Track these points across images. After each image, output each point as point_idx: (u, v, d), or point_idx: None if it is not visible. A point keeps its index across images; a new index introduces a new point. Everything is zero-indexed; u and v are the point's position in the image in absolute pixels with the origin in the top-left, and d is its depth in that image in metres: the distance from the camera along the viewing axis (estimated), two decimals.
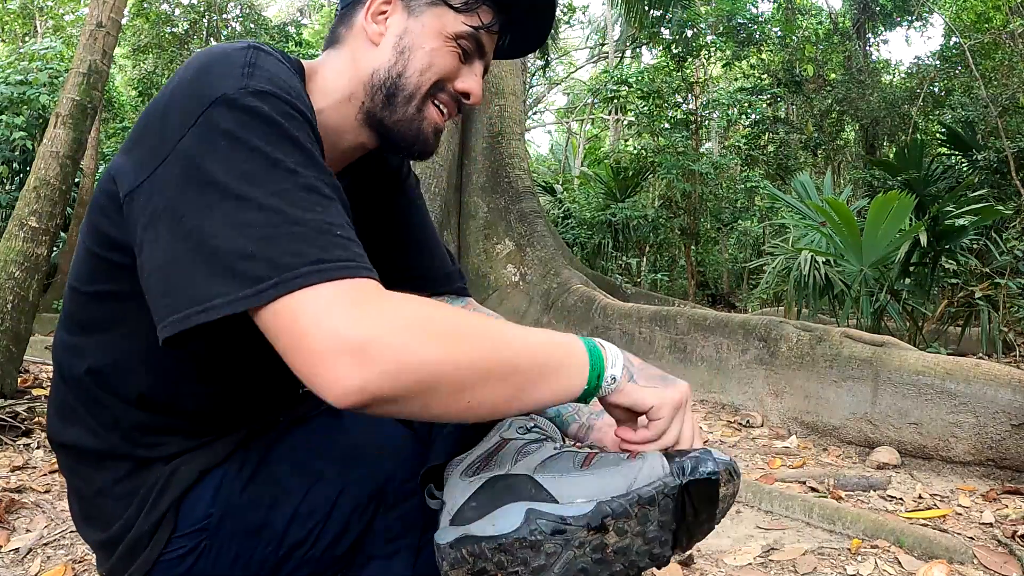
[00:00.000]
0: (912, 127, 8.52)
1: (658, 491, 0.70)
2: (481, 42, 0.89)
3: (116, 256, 0.77)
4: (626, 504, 0.69)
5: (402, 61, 0.86)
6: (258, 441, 0.88)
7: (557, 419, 0.94)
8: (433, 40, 0.87)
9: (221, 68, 0.70)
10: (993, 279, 4.77)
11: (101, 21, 3.11)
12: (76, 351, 0.84)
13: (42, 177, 2.95)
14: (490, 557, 0.69)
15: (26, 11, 10.89)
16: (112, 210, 0.75)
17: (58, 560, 1.74)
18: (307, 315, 0.60)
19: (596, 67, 18.71)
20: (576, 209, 10.30)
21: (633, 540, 0.70)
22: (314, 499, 0.86)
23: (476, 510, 0.72)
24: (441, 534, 0.72)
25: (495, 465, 0.78)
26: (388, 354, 0.60)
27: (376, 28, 0.88)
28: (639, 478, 0.71)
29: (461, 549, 0.69)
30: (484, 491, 0.74)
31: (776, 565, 1.83)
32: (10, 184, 7.80)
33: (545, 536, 0.68)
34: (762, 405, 3.42)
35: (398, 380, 0.60)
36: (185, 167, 0.66)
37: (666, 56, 9.82)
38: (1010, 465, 2.53)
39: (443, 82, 0.88)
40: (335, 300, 0.61)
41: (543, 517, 0.69)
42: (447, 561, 0.70)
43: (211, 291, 0.62)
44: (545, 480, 0.73)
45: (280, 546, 0.85)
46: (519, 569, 0.69)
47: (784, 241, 6.13)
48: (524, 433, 0.84)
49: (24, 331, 2.90)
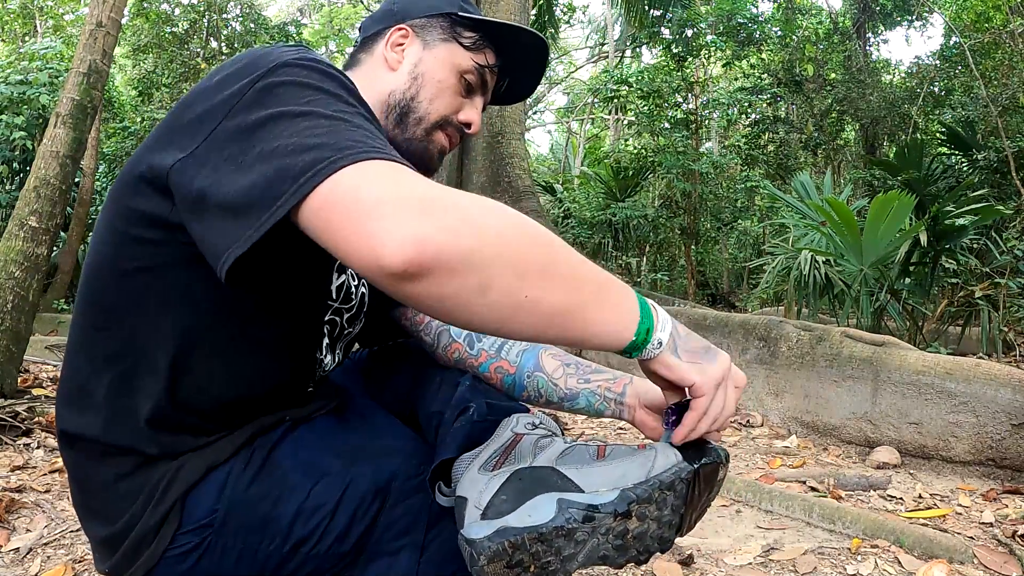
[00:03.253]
0: (912, 127, 8.52)
1: (676, 476, 0.74)
2: (485, 79, 1.00)
3: (150, 232, 0.79)
4: (649, 490, 0.73)
5: (415, 86, 0.97)
6: (264, 439, 0.89)
7: (589, 408, 1.00)
8: (443, 71, 0.97)
9: (273, 51, 0.76)
10: (993, 279, 4.77)
11: (101, 21, 3.11)
12: (100, 336, 0.84)
13: (42, 177, 2.95)
14: (529, 548, 0.70)
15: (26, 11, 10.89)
16: (147, 190, 0.77)
17: (58, 560, 1.74)
18: (369, 178, 0.60)
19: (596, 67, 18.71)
20: (576, 209, 10.30)
21: (650, 525, 0.74)
22: (319, 495, 0.86)
23: (509, 503, 0.73)
24: (474, 528, 0.72)
25: (515, 459, 0.80)
26: (453, 212, 0.58)
27: (394, 56, 0.98)
28: (655, 465, 0.75)
29: (503, 541, 0.70)
30: (512, 483, 0.76)
31: (776, 565, 1.83)
32: (10, 184, 7.80)
33: (578, 524, 0.70)
34: (762, 405, 3.42)
35: (459, 238, 0.57)
36: (248, 114, 0.69)
37: (666, 56, 9.83)
38: (1010, 465, 2.54)
39: (448, 117, 0.99)
40: (400, 169, 0.62)
41: (574, 506, 0.71)
42: (485, 555, 0.70)
43: (279, 190, 0.62)
44: (569, 471, 0.76)
45: (285, 542, 0.86)
46: (551, 559, 0.71)
47: (784, 241, 6.13)
48: (532, 429, 0.85)
49: (24, 331, 2.90)
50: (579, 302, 0.66)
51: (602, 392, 1.00)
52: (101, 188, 8.95)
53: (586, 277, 0.68)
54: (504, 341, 1.04)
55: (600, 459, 0.77)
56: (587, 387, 1.01)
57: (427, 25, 0.98)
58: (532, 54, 1.02)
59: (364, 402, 1.08)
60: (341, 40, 17.52)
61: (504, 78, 1.04)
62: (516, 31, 0.99)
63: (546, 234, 0.66)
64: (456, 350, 1.07)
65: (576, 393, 1.01)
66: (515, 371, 1.03)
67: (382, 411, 1.06)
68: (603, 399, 1.00)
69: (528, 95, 1.11)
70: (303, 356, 0.94)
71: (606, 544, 0.72)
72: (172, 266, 0.80)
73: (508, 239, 0.61)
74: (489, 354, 1.04)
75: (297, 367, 0.94)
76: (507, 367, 1.03)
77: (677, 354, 0.75)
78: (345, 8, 18.31)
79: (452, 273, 0.58)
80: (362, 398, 1.09)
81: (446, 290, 0.58)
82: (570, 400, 1.01)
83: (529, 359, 1.03)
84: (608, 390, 1.01)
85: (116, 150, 9.10)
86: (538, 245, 0.64)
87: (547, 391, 1.01)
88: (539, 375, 1.02)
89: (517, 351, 1.04)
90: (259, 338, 0.86)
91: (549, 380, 1.01)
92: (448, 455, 0.86)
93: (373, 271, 0.58)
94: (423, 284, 0.58)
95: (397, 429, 1.01)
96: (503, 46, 1.00)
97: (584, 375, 1.02)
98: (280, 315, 0.88)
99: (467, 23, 0.98)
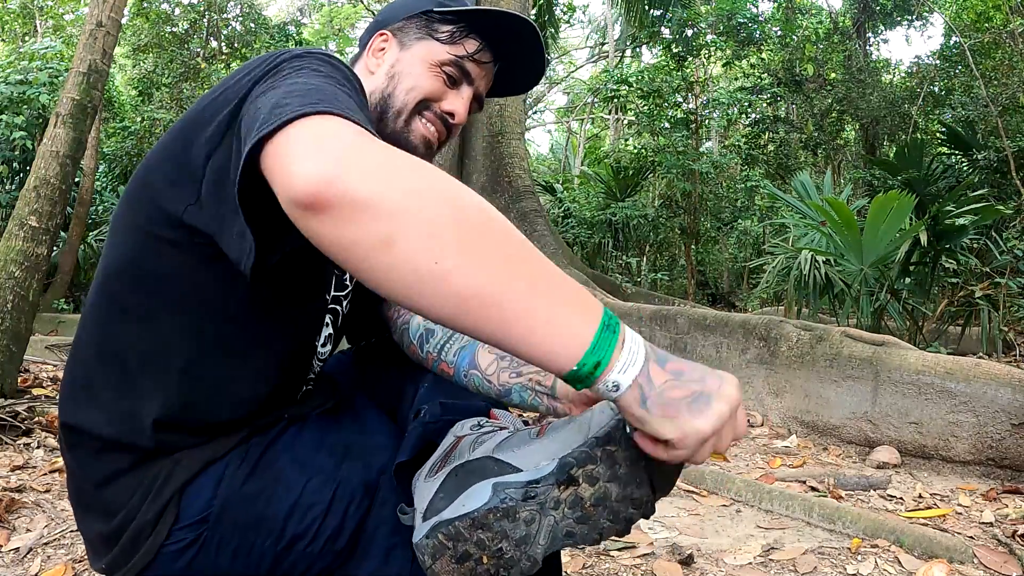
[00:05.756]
0: (912, 126, 8.51)
1: (612, 428, 0.68)
2: (466, 69, 0.99)
3: (171, 233, 0.81)
4: (587, 449, 0.67)
5: (392, 84, 0.99)
6: (261, 436, 0.90)
7: (524, 404, 0.94)
8: (419, 66, 0.98)
9: (287, 50, 0.80)
10: (993, 278, 4.77)
11: (101, 21, 3.11)
12: (113, 334, 0.86)
13: (42, 176, 2.95)
14: (468, 537, 0.67)
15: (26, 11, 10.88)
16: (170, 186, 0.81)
17: (58, 560, 1.74)
18: (313, 126, 0.62)
19: (596, 66, 18.71)
20: (576, 208, 10.30)
21: (607, 487, 0.68)
22: (312, 493, 0.87)
23: (445, 499, 0.72)
24: (416, 533, 0.72)
25: (455, 459, 0.77)
26: (375, 158, 0.59)
27: (375, 61, 1.01)
28: (592, 425, 0.70)
29: (437, 535, 0.68)
30: (449, 481, 0.74)
31: (776, 564, 1.83)
32: (10, 184, 7.79)
33: (517, 502, 0.67)
34: (762, 404, 3.42)
35: (368, 180, 0.56)
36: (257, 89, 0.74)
37: (666, 55, 9.82)
38: (1010, 464, 2.54)
39: (428, 101, 0.99)
40: (347, 124, 0.62)
41: (510, 486, 0.68)
42: (427, 554, 0.69)
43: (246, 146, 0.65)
44: (506, 456, 0.72)
45: (280, 539, 0.86)
46: (503, 545, 0.67)
47: (784, 240, 6.13)
48: (477, 429, 0.83)
49: (24, 330, 2.90)
50: (505, 293, 0.56)
51: (532, 385, 0.93)
52: (101, 188, 8.94)
53: (529, 270, 0.58)
54: (446, 342, 1.01)
55: (541, 436, 0.73)
56: (518, 381, 0.94)
57: (404, 27, 1.00)
58: (524, 40, 1.00)
59: (359, 400, 1.08)
60: (341, 40, 17.53)
61: (500, 66, 1.03)
62: (496, 16, 0.97)
63: (488, 210, 0.59)
64: (413, 352, 1.07)
65: (508, 388, 0.95)
66: (453, 372, 1.00)
67: (375, 409, 1.07)
68: (535, 393, 0.93)
69: (533, 84, 1.09)
70: (306, 350, 0.96)
71: (565, 520, 0.68)
72: (191, 267, 0.82)
73: (428, 196, 0.56)
74: (433, 356, 1.02)
75: (300, 362, 0.95)
76: (447, 369, 1.01)
77: (646, 406, 0.60)
78: (345, 8, 18.31)
79: (353, 213, 0.55)
80: (358, 396, 1.10)
81: (346, 232, 0.56)
82: (505, 395, 0.95)
83: (465, 357, 0.99)
84: (539, 384, 0.93)
85: (116, 150, 9.09)
86: (467, 213, 0.57)
87: (484, 388, 0.97)
88: (474, 373, 0.97)
89: (456, 350, 1.00)
90: (267, 336, 0.88)
91: (483, 377, 0.96)
92: (402, 458, 0.85)
93: (284, 200, 0.59)
94: (325, 222, 0.56)
95: (388, 427, 1.01)
96: (487, 34, 0.98)
97: (516, 367, 0.95)
98: (289, 310, 0.90)
99: (442, 17, 0.98)
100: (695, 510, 2.25)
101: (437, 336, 1.03)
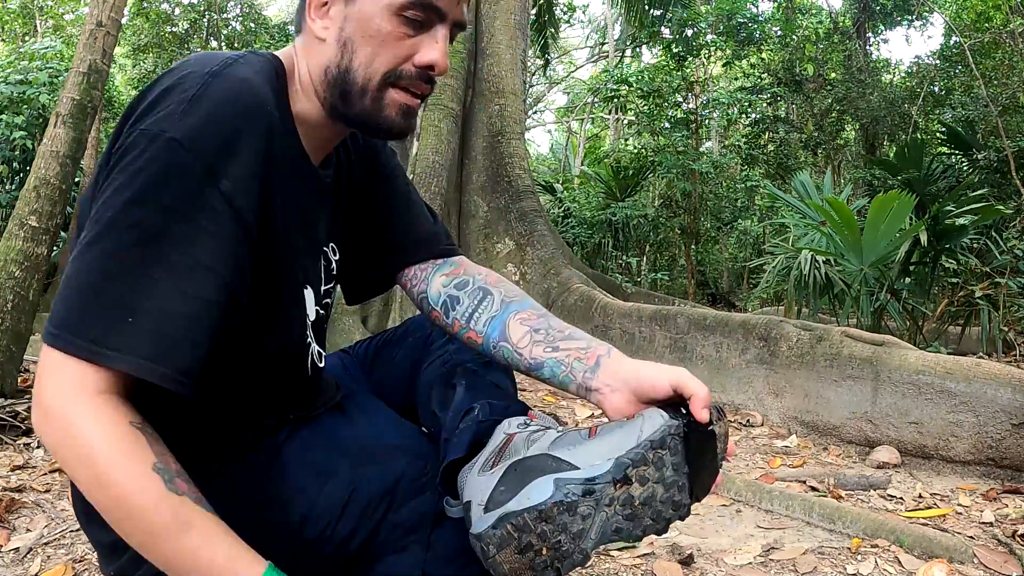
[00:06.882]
0: (912, 126, 8.51)
1: (665, 433, 0.75)
2: (433, 5, 0.81)
3: None
4: (641, 451, 0.74)
5: (347, 55, 0.82)
6: (270, 440, 0.89)
7: (554, 379, 0.92)
8: (373, 23, 0.80)
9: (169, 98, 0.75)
10: (993, 278, 4.77)
11: (101, 20, 3.11)
12: None
13: (42, 176, 2.95)
14: (533, 528, 0.71)
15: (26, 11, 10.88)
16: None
17: (58, 560, 1.74)
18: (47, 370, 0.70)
19: (596, 66, 18.70)
20: (576, 208, 10.29)
21: (655, 488, 0.75)
22: (327, 498, 0.86)
23: (506, 492, 0.75)
24: (478, 524, 0.74)
25: (510, 455, 0.81)
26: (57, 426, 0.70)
27: (320, 23, 0.84)
28: (644, 429, 0.76)
29: (505, 526, 0.72)
30: (509, 475, 0.77)
31: (776, 564, 1.83)
32: (10, 184, 7.79)
33: (578, 498, 0.72)
34: (762, 404, 3.42)
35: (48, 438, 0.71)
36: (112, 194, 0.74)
37: (666, 55, 9.81)
38: (1010, 464, 2.54)
39: (397, 69, 0.83)
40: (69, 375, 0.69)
41: (571, 482, 0.73)
42: (493, 544, 0.72)
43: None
44: (562, 453, 0.77)
45: (293, 545, 0.85)
46: (561, 538, 0.72)
47: (784, 240, 6.12)
48: (524, 428, 0.86)
49: (24, 330, 2.90)
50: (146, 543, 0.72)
51: (570, 362, 0.89)
52: None
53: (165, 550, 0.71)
54: (474, 309, 0.98)
55: (592, 438, 0.79)
56: (553, 355, 0.90)
57: None
58: None
59: (365, 397, 1.07)
60: None
61: None
62: None
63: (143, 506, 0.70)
64: (436, 317, 1.04)
65: (541, 362, 0.91)
66: (482, 341, 0.96)
67: (383, 405, 1.06)
68: (569, 369, 0.89)
69: None
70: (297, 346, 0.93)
71: (616, 516, 0.74)
72: None
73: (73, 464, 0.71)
74: (461, 323, 0.99)
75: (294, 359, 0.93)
76: (475, 337, 0.97)
77: None
78: None
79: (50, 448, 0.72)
80: (363, 392, 1.09)
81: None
82: (536, 369, 0.91)
83: (495, 328, 0.95)
84: (578, 360, 0.88)
85: None
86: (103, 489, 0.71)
87: (514, 361, 0.94)
88: (504, 345, 0.94)
89: (486, 319, 0.96)
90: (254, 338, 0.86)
91: (513, 349, 0.93)
92: (457, 455, 0.85)
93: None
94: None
95: (401, 427, 1.00)
96: None
97: (553, 342, 0.91)
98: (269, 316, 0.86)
99: None
100: (695, 510, 2.24)
101: (464, 304, 0.99)
